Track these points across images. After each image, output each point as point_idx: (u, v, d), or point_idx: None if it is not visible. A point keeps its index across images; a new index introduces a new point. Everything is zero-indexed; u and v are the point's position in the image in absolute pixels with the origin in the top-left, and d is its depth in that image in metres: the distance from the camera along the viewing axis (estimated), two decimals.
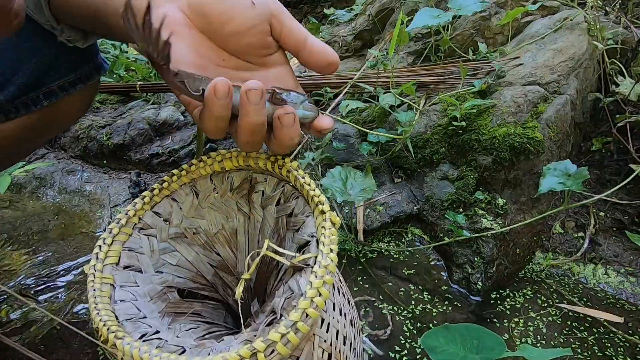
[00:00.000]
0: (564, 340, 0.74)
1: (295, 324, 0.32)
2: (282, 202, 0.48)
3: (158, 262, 0.47)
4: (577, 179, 0.73)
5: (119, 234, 0.44)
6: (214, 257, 0.52)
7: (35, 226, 1.03)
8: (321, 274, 0.34)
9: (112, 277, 0.41)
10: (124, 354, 0.33)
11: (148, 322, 0.40)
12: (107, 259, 0.42)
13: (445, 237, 0.88)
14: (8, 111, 0.55)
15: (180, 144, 1.27)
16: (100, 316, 0.37)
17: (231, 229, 0.52)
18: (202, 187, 0.50)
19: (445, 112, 0.99)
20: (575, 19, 1.11)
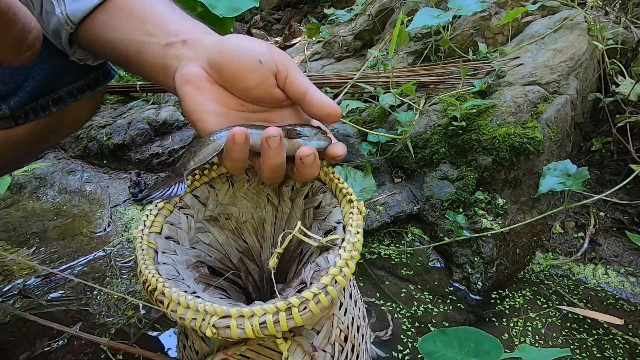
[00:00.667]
0: (564, 341, 0.74)
1: (325, 287, 0.35)
2: (310, 195, 0.52)
3: (193, 238, 0.52)
4: (577, 179, 0.73)
5: (163, 209, 0.49)
6: (241, 243, 0.56)
7: (35, 226, 1.03)
8: (349, 249, 0.38)
9: (155, 243, 0.46)
10: (171, 300, 0.36)
11: (187, 283, 0.43)
12: (152, 227, 0.47)
13: (445, 237, 0.88)
14: (17, 117, 0.56)
15: (180, 144, 1.27)
16: (149, 270, 0.40)
17: (259, 219, 0.56)
18: (237, 178, 0.55)
19: (445, 112, 0.99)
20: (575, 19, 1.11)
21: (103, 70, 0.64)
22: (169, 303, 0.37)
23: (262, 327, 0.33)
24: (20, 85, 0.53)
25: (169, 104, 1.39)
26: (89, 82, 0.62)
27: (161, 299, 0.37)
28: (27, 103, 0.55)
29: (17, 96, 0.53)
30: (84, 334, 0.64)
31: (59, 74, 0.57)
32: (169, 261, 0.45)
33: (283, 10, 3.00)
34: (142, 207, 1.11)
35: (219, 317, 0.34)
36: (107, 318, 0.77)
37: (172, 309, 0.36)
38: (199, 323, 0.34)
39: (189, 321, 0.35)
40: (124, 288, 0.84)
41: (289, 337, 0.39)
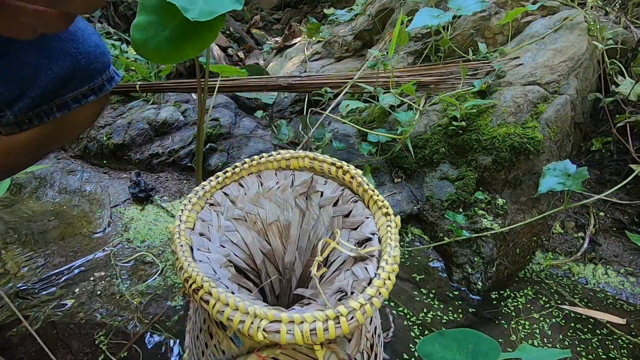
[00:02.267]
0: (570, 342, 0.74)
1: (370, 298, 0.37)
2: (340, 203, 0.53)
3: (222, 237, 0.52)
4: (576, 179, 0.73)
5: (195, 205, 0.49)
6: (264, 244, 0.56)
7: (35, 226, 1.03)
8: (391, 262, 0.40)
9: (190, 240, 0.45)
10: (218, 300, 0.36)
11: (224, 283, 0.43)
12: (187, 223, 0.47)
13: (445, 237, 0.88)
14: (22, 123, 0.55)
15: (180, 144, 1.27)
16: (192, 267, 0.39)
17: (285, 221, 0.56)
18: (266, 179, 0.55)
19: (445, 112, 0.99)
20: (575, 19, 1.11)
21: (107, 76, 0.63)
22: (215, 303, 0.36)
23: (312, 334, 0.34)
24: (25, 92, 0.53)
25: (169, 104, 1.39)
26: (94, 88, 0.61)
27: (207, 298, 0.37)
28: (32, 109, 0.55)
29: (22, 102, 0.53)
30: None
31: (65, 80, 0.57)
32: (204, 259, 0.45)
33: (283, 10, 3.00)
34: (142, 207, 1.11)
35: (269, 321, 0.34)
36: (107, 318, 0.77)
37: (218, 309, 0.36)
38: (247, 326, 0.34)
39: (237, 323, 0.35)
40: (124, 288, 0.84)
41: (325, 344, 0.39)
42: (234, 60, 2.23)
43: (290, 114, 1.48)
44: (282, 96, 1.55)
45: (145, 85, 1.40)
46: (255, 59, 2.30)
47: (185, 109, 1.39)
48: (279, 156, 0.54)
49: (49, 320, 0.77)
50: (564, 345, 0.73)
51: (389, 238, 0.43)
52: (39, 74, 0.54)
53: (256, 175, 0.55)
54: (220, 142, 1.26)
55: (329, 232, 0.53)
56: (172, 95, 1.46)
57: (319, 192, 0.54)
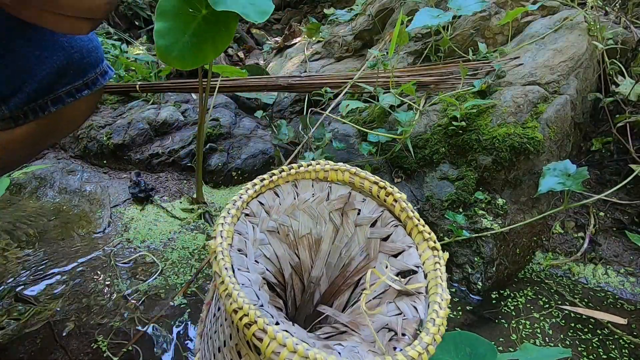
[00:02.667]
0: (565, 340, 0.74)
1: (427, 346, 0.36)
2: (379, 225, 0.50)
3: (257, 251, 0.49)
4: (576, 179, 0.73)
5: (234, 217, 0.46)
6: (294, 258, 0.54)
7: (35, 226, 1.03)
8: (444, 305, 0.39)
9: (231, 258, 0.42)
10: (274, 339, 0.34)
11: (269, 312, 0.40)
12: (227, 239, 0.44)
13: (445, 237, 0.88)
14: (17, 118, 0.56)
15: (180, 144, 1.27)
16: (242, 298, 0.36)
17: (317, 235, 0.54)
18: (302, 190, 0.53)
19: (445, 112, 0.99)
20: (575, 19, 1.11)
21: (101, 70, 0.64)
22: (269, 342, 0.34)
23: None
24: (20, 87, 0.54)
25: (169, 104, 1.39)
26: (87, 82, 0.62)
27: (260, 336, 0.34)
28: (27, 104, 0.55)
29: (17, 97, 0.54)
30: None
31: (59, 74, 0.57)
32: (246, 282, 0.42)
33: (283, 10, 3.00)
34: (142, 207, 1.11)
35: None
36: (107, 318, 0.77)
37: (274, 349, 0.33)
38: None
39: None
40: (124, 288, 0.84)
41: None
42: (234, 61, 2.23)
43: (290, 114, 1.48)
44: (282, 96, 1.55)
45: (145, 85, 1.40)
46: (255, 59, 2.30)
47: (185, 109, 1.39)
48: (318, 167, 0.51)
49: (49, 320, 0.77)
50: (565, 345, 0.73)
51: (438, 277, 0.41)
52: (33, 68, 0.54)
53: (292, 184, 0.52)
54: (220, 142, 1.26)
55: (363, 253, 0.51)
56: (172, 95, 1.46)
57: (356, 210, 0.52)
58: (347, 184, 0.52)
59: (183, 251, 0.95)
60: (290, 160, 0.98)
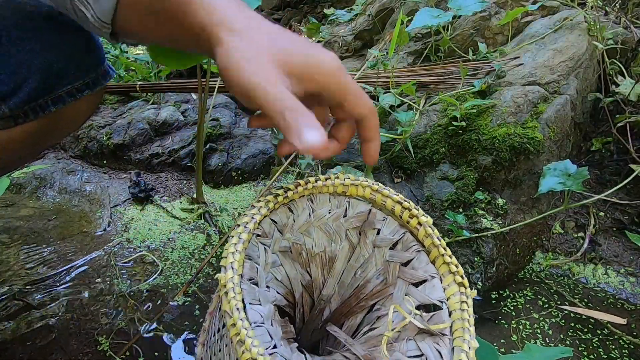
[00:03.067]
0: (565, 341, 0.74)
1: None
2: (399, 248, 0.47)
3: (268, 275, 0.45)
4: (577, 179, 0.73)
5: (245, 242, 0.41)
6: (306, 276, 0.51)
7: (35, 226, 1.03)
8: (472, 356, 0.35)
9: (241, 292, 0.37)
10: None
11: (283, 354, 0.38)
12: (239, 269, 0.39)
13: (445, 237, 0.88)
14: (17, 117, 0.56)
15: (180, 144, 1.27)
16: (256, 347, 0.33)
17: (331, 253, 0.50)
18: (318, 205, 0.49)
19: (445, 112, 0.99)
20: (575, 19, 1.11)
21: (102, 70, 0.64)
22: None
23: None
24: (20, 85, 0.54)
25: (169, 104, 1.39)
26: (89, 82, 0.62)
27: None
28: (27, 103, 0.55)
29: (17, 96, 0.54)
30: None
31: (59, 74, 0.57)
32: (258, 319, 0.39)
33: (283, 10, 3.00)
34: (142, 207, 1.11)
35: None
36: (107, 318, 0.77)
37: None
38: None
39: None
40: (124, 288, 0.84)
41: None
42: None
43: None
44: None
45: (145, 85, 1.40)
46: None
47: (185, 109, 1.39)
48: (337, 181, 0.47)
49: (49, 320, 0.77)
50: (565, 345, 0.73)
51: (466, 320, 0.37)
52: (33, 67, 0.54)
53: (308, 199, 0.48)
54: (220, 142, 1.26)
55: (380, 277, 0.48)
56: (172, 95, 1.46)
57: (375, 230, 0.48)
58: (368, 200, 0.48)
59: (183, 251, 0.96)
60: (290, 160, 0.98)
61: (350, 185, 0.47)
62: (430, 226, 0.43)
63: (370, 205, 0.48)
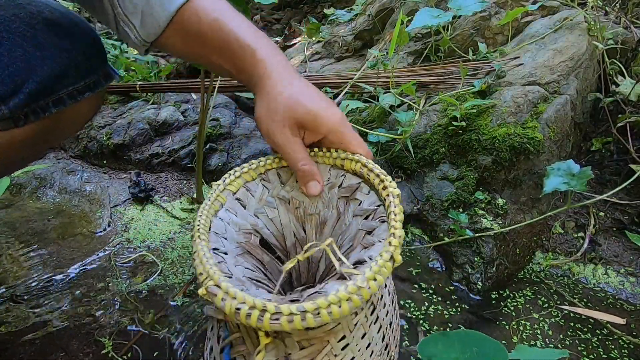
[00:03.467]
0: (565, 341, 0.74)
1: (334, 304, 0.37)
2: (371, 218, 0.52)
3: (260, 209, 0.55)
4: (581, 179, 0.72)
5: (246, 174, 0.54)
6: (300, 231, 0.58)
7: (35, 226, 1.03)
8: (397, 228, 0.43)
9: (225, 199, 0.51)
10: (203, 268, 0.40)
11: (226, 245, 0.48)
12: (230, 185, 0.52)
13: (445, 237, 0.88)
14: (17, 118, 0.55)
15: (180, 144, 1.27)
16: (200, 225, 0.46)
17: (324, 218, 0.57)
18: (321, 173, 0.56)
19: (445, 112, 0.99)
20: (575, 19, 1.11)
21: (104, 72, 0.64)
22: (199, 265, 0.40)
23: (274, 322, 0.35)
24: (20, 87, 0.53)
25: (169, 104, 1.39)
26: (90, 84, 0.62)
27: (215, 292, 0.38)
28: (27, 104, 0.55)
29: (17, 97, 0.53)
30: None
31: (60, 75, 0.57)
32: (225, 218, 0.50)
33: (283, 10, 3.00)
34: (142, 207, 1.11)
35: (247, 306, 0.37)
36: (107, 318, 0.77)
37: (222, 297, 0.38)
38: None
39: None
40: (124, 288, 0.84)
41: (273, 335, 0.40)
42: None
43: None
44: None
45: (145, 85, 1.40)
46: None
47: (185, 109, 1.39)
48: (335, 154, 0.55)
49: (49, 320, 0.77)
50: (565, 345, 0.73)
51: (392, 221, 0.44)
52: (33, 68, 0.54)
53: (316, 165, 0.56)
54: (220, 142, 1.26)
55: (350, 243, 0.52)
56: (172, 95, 1.46)
57: (357, 201, 0.54)
58: (358, 175, 0.54)
59: (183, 251, 0.95)
60: None
61: (346, 160, 0.54)
62: (394, 196, 0.48)
63: (361, 180, 0.54)
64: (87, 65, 0.60)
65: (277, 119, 0.50)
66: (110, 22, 0.56)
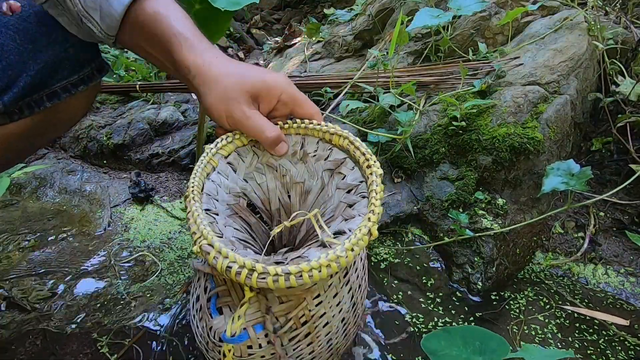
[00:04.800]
0: (564, 341, 0.74)
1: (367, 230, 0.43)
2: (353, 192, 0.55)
3: (250, 174, 0.58)
4: (580, 179, 0.72)
5: (237, 139, 0.55)
6: (285, 198, 0.61)
7: (35, 226, 1.03)
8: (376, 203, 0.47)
9: (217, 162, 0.54)
10: (197, 228, 0.43)
11: (217, 206, 0.52)
12: (221, 150, 0.54)
13: (445, 237, 0.88)
14: (12, 113, 0.55)
15: (180, 144, 1.27)
16: (194, 186, 0.48)
17: (308, 187, 0.60)
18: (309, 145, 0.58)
19: (445, 112, 0.99)
20: (575, 19, 1.10)
21: (97, 65, 0.64)
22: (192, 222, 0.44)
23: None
24: (15, 81, 0.53)
25: (169, 104, 1.39)
26: (83, 77, 0.62)
27: (208, 250, 0.42)
28: (22, 98, 0.55)
29: (11, 92, 0.53)
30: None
31: (53, 69, 0.57)
32: (217, 181, 0.53)
33: (283, 10, 3.00)
34: (142, 207, 1.11)
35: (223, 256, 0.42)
36: (106, 318, 0.77)
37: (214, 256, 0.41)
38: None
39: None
40: (123, 288, 0.84)
41: (256, 290, 0.46)
42: None
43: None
44: None
45: (145, 85, 1.40)
46: (255, 59, 2.30)
47: (185, 109, 1.39)
48: (325, 128, 0.57)
49: (49, 320, 0.77)
50: (563, 346, 0.73)
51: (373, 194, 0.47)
52: (26, 62, 0.54)
53: (302, 137, 0.58)
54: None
55: (331, 214, 0.55)
56: (172, 95, 1.46)
57: (342, 175, 0.56)
58: (344, 150, 0.56)
59: (183, 251, 0.95)
60: None
61: (334, 135, 0.56)
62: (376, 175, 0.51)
63: (346, 156, 0.57)
64: (80, 58, 0.60)
65: (231, 98, 0.51)
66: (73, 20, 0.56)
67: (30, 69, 0.54)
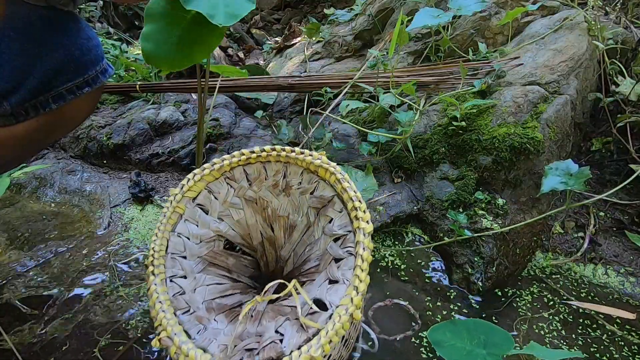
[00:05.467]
0: (564, 341, 0.74)
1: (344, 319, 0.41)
2: (340, 244, 0.50)
3: (225, 211, 0.52)
4: (579, 179, 0.72)
5: (208, 175, 0.49)
6: (268, 231, 0.56)
7: (35, 226, 1.03)
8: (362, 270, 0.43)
9: (184, 208, 0.47)
10: (156, 313, 0.41)
11: (183, 265, 0.46)
12: (188, 192, 0.48)
13: (445, 237, 0.88)
14: (18, 114, 0.57)
15: (180, 144, 1.27)
16: (154, 252, 0.43)
17: (293, 222, 0.56)
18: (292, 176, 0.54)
19: (445, 112, 0.99)
20: (576, 19, 1.11)
21: (101, 68, 0.65)
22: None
23: None
24: (21, 83, 0.54)
25: (169, 104, 1.39)
26: (88, 80, 0.63)
27: (168, 344, 0.40)
28: (28, 100, 0.56)
29: (18, 94, 0.54)
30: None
31: (59, 71, 0.58)
32: (185, 232, 0.47)
33: (283, 10, 3.00)
34: (142, 207, 1.11)
35: None
36: (106, 318, 0.77)
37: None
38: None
39: None
40: (124, 288, 0.84)
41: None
42: (233, 61, 2.23)
43: (290, 114, 1.48)
44: (282, 96, 1.55)
45: (145, 85, 1.40)
46: (255, 59, 2.30)
47: (185, 109, 1.39)
48: (309, 158, 0.51)
49: (48, 320, 0.77)
50: (567, 343, 0.73)
51: (359, 257, 0.43)
52: (33, 65, 0.55)
53: (284, 165, 0.53)
54: (220, 142, 1.26)
55: (317, 261, 0.51)
56: (172, 95, 1.46)
57: (328, 218, 0.52)
58: (332, 186, 0.51)
59: None
60: None
61: (320, 168, 0.51)
62: (364, 235, 0.45)
63: (334, 194, 0.52)
64: (85, 61, 0.61)
65: None
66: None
67: (36, 71, 0.55)
